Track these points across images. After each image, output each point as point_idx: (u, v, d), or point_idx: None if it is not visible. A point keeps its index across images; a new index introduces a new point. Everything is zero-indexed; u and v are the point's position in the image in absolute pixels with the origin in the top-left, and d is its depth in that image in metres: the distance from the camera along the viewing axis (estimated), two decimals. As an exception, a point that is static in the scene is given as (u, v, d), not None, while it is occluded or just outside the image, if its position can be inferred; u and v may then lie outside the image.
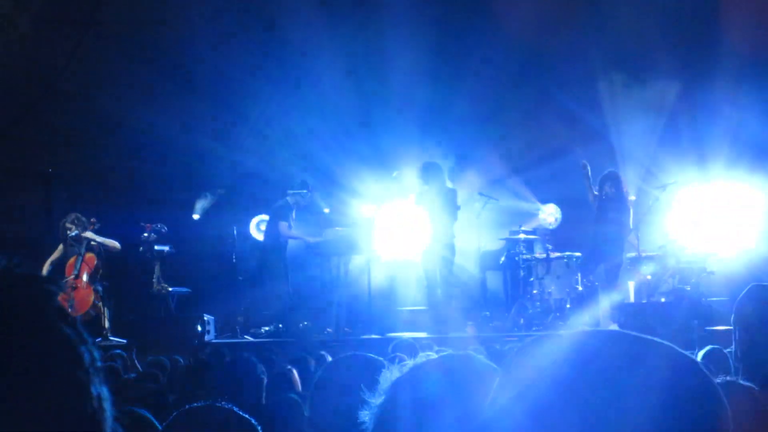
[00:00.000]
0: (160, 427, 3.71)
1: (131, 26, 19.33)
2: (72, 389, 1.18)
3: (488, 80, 19.05)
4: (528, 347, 1.66)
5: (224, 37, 19.56)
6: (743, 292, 4.47)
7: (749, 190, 17.48)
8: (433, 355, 2.33)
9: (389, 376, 2.20)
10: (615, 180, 15.71)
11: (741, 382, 3.92)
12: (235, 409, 3.36)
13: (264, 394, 5.88)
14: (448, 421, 2.04)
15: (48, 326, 1.16)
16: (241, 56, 19.61)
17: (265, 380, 5.89)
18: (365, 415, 2.17)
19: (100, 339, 15.11)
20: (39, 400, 1.14)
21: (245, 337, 15.70)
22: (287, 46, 19.66)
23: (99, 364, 1.26)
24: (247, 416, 3.18)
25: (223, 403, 3.53)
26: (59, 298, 1.21)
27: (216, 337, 15.42)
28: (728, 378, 3.89)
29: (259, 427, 3.30)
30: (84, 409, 1.20)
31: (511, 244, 16.64)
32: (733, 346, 4.55)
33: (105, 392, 1.26)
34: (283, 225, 16.26)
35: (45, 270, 15.55)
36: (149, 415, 4.45)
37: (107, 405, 1.26)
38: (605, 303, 15.68)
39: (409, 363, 2.24)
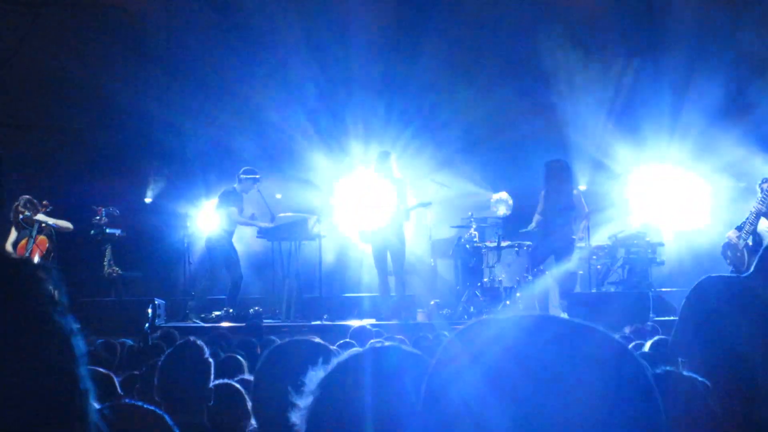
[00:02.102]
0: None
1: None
2: (64, 382, 1.15)
3: (445, 56, 19.15)
4: (462, 333, 1.65)
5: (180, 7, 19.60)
6: (694, 285, 4.47)
7: (698, 181, 17.59)
8: (381, 342, 2.32)
9: (315, 375, 2.18)
10: (564, 170, 15.75)
11: (683, 372, 3.94)
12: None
13: (212, 378, 5.86)
14: (378, 415, 2.03)
15: (41, 315, 1.12)
16: (198, 25, 19.63)
17: (213, 364, 5.87)
18: (296, 417, 2.16)
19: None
20: (32, 392, 1.11)
21: (195, 321, 15.66)
22: (246, 15, 19.66)
23: (84, 354, 1.22)
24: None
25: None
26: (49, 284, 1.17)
27: (166, 321, 15.37)
28: (669, 368, 3.91)
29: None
30: (74, 401, 1.16)
31: (462, 232, 16.66)
32: (672, 336, 4.55)
33: (90, 384, 1.22)
34: (233, 211, 16.19)
35: (9, 251, 15.52)
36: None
37: (92, 397, 1.22)
38: (554, 292, 15.76)
39: (334, 360, 2.22)
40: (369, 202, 15.83)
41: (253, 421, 3.57)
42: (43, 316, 1.11)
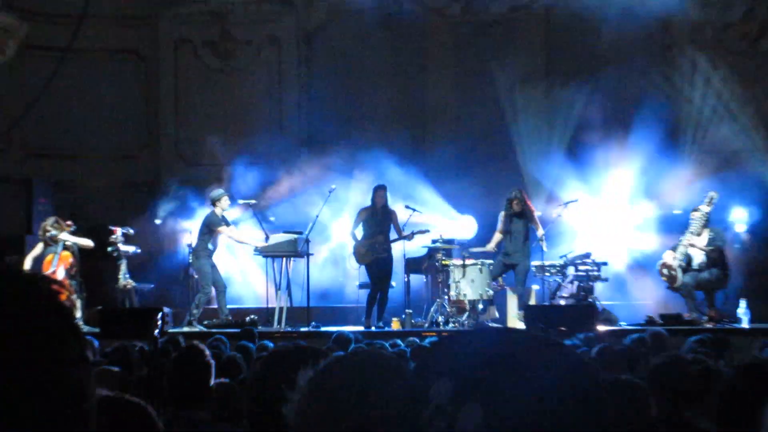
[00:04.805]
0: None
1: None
2: (75, 388, 1.09)
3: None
4: (442, 343, 1.65)
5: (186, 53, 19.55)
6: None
7: (642, 208, 17.62)
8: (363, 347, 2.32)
9: (304, 375, 2.18)
10: (521, 198, 15.84)
11: (631, 378, 3.96)
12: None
13: (213, 377, 5.85)
14: (357, 409, 2.02)
15: (56, 325, 1.09)
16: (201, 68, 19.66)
17: (214, 365, 5.86)
18: (287, 410, 2.16)
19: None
20: (44, 399, 1.05)
21: (199, 327, 15.61)
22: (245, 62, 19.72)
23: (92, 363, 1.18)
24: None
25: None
26: (62, 297, 1.14)
27: (173, 327, 15.31)
28: (623, 376, 3.92)
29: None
30: (82, 407, 1.10)
31: (432, 251, 16.68)
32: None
33: (95, 391, 1.17)
34: (224, 228, 16.12)
35: (28, 265, 15.54)
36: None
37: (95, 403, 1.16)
38: (512, 304, 15.80)
39: (321, 362, 2.22)
40: (366, 229, 15.87)
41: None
42: (59, 326, 1.08)
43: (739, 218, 17.32)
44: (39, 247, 15.89)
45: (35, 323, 1.04)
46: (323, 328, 15.27)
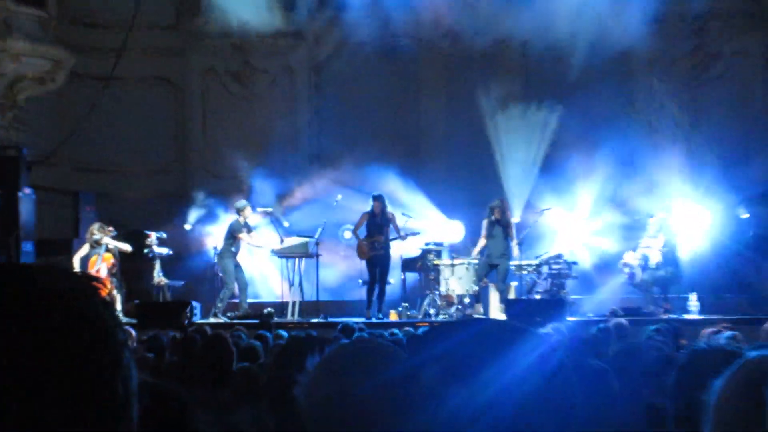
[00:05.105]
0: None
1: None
2: (116, 377, 1.05)
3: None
4: (432, 332, 1.66)
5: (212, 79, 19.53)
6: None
7: (605, 216, 17.60)
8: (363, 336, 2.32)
9: (313, 360, 2.18)
10: (501, 207, 15.85)
11: (597, 362, 3.97)
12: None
13: (235, 362, 5.84)
14: (359, 390, 2.02)
15: (99, 319, 1.07)
16: (224, 94, 19.62)
17: (236, 352, 5.85)
18: (298, 391, 2.15)
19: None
20: (87, 388, 1.02)
21: (223, 319, 15.59)
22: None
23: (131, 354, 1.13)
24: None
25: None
26: (102, 292, 1.12)
27: (200, 319, 15.30)
28: (590, 360, 3.93)
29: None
30: (121, 398, 1.06)
31: (425, 252, 16.67)
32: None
33: (136, 374, 1.12)
34: (243, 235, 16.14)
35: (75, 264, 15.55)
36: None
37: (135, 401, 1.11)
38: (494, 298, 15.79)
39: (327, 349, 2.22)
40: (368, 230, 15.86)
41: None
42: (102, 320, 1.07)
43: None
44: (85, 249, 15.90)
45: (80, 314, 1.03)
46: (331, 319, 15.25)
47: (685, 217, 16.64)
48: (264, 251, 17.21)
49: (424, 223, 17.64)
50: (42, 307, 1.00)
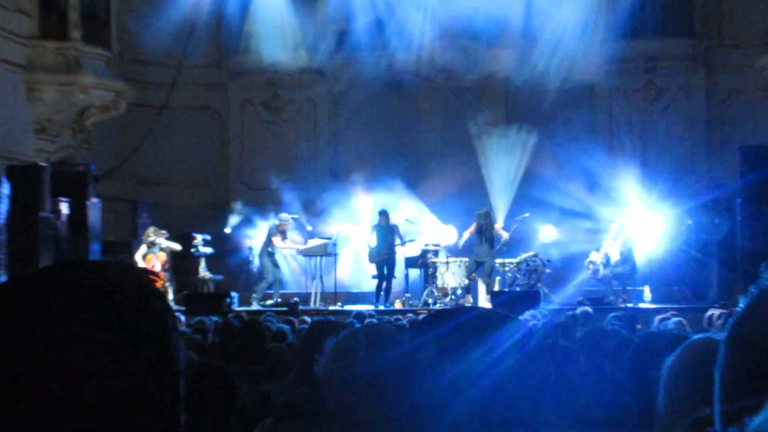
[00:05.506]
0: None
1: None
2: (169, 350, 1.03)
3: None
4: (430, 317, 1.66)
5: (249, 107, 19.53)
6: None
7: (572, 220, 17.56)
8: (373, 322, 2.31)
9: (330, 342, 2.18)
10: (487, 215, 15.84)
11: (566, 343, 3.96)
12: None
13: (267, 342, 5.84)
14: (368, 368, 2.02)
15: (154, 306, 1.04)
16: (258, 119, 19.57)
17: (268, 334, 5.85)
18: (318, 368, 2.15)
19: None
20: (144, 359, 1.00)
21: (258, 306, 15.60)
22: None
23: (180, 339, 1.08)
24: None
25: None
26: (157, 284, 1.11)
27: (238, 306, 15.31)
28: (561, 341, 3.92)
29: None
30: (175, 365, 1.04)
31: (425, 252, 16.67)
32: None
33: (184, 352, 1.08)
34: (276, 239, 16.19)
35: (138, 261, 15.52)
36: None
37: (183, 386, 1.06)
38: (482, 290, 15.77)
39: (344, 333, 2.22)
40: (377, 239, 15.87)
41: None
42: (157, 309, 1.06)
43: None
44: (142, 249, 15.88)
45: (140, 301, 1.04)
46: (347, 307, 15.26)
47: (641, 223, 16.58)
48: (292, 251, 17.32)
49: (423, 227, 17.69)
50: (109, 295, 1.01)
